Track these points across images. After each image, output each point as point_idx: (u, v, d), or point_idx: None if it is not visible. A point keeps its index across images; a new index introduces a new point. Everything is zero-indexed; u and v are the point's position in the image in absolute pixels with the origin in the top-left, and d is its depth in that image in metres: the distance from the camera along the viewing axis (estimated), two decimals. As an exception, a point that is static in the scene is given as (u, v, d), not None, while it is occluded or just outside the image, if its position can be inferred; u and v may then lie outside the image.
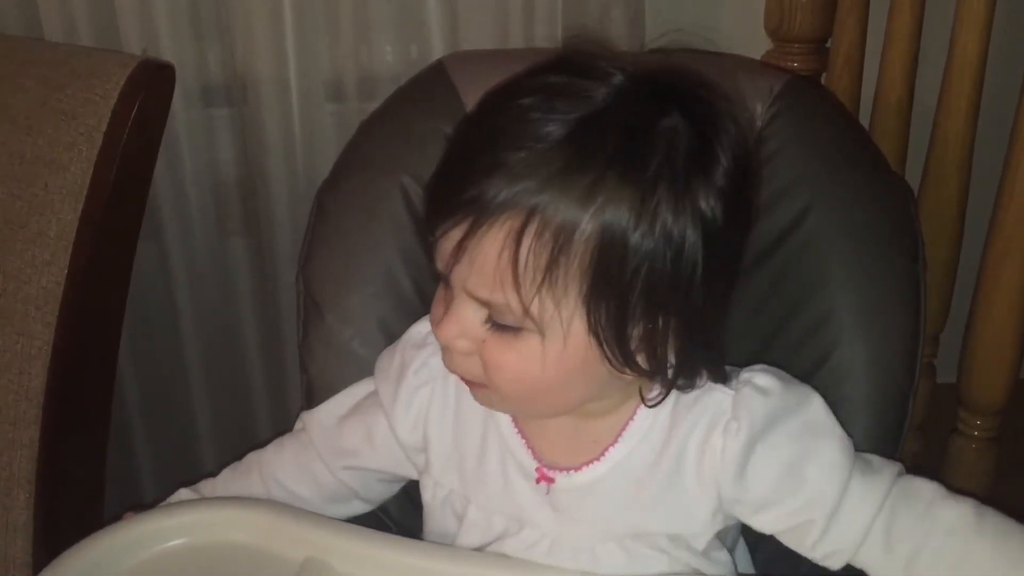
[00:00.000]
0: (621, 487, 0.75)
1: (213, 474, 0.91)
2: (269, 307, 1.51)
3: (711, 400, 0.74)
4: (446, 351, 0.71)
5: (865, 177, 0.93)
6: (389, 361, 0.84)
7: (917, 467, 0.74)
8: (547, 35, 1.34)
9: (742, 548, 0.86)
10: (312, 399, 0.93)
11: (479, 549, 0.79)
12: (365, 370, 0.88)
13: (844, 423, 0.85)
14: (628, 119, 0.64)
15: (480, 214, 0.63)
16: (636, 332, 0.67)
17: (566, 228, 0.63)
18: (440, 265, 0.68)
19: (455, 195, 0.64)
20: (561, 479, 0.76)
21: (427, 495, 0.83)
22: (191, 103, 1.40)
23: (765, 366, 0.77)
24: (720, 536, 0.77)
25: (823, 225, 0.90)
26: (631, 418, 0.75)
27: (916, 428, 1.19)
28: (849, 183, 0.92)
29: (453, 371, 0.72)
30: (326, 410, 0.87)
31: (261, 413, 1.60)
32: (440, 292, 0.71)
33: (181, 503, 0.85)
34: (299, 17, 1.34)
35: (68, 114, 1.03)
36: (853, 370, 0.87)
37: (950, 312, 1.21)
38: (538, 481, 0.76)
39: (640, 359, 0.69)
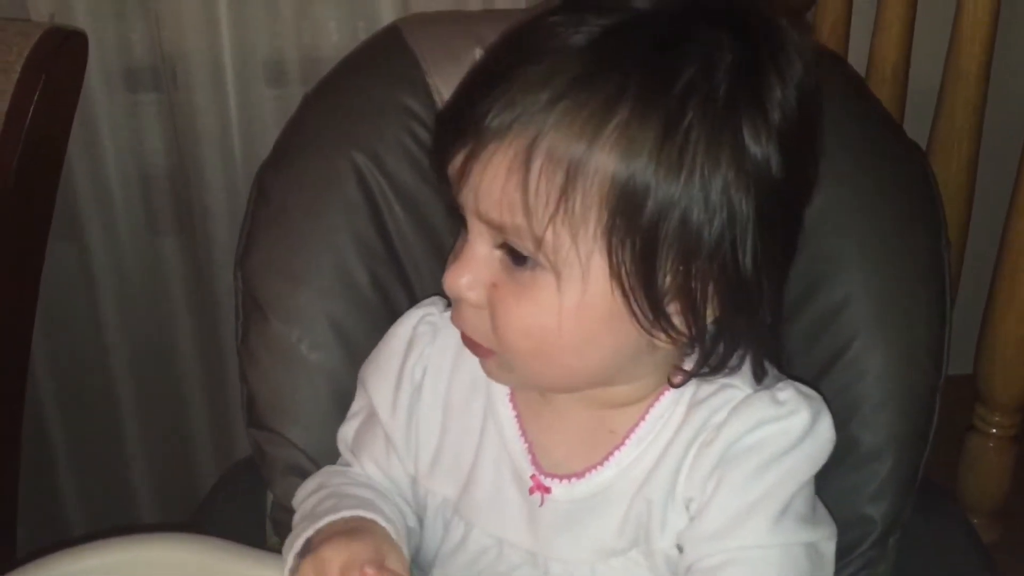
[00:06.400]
0: (628, 495, 0.67)
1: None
2: (206, 314, 1.46)
3: (724, 397, 0.66)
4: (456, 305, 0.66)
5: (878, 143, 0.87)
6: (390, 343, 0.76)
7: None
8: (509, 3, 1.30)
9: None
10: (254, 411, 0.86)
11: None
12: (315, 377, 0.84)
13: (865, 423, 0.81)
14: (662, 28, 0.59)
15: (486, 131, 0.59)
16: (669, 284, 0.61)
17: (579, 149, 0.58)
18: (454, 193, 0.64)
19: (464, 114, 0.61)
20: (559, 489, 0.69)
21: (419, 504, 0.75)
22: (113, 87, 1.34)
23: (809, 390, 0.68)
24: None
25: (834, 199, 0.81)
26: (644, 415, 0.68)
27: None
28: (861, 150, 0.84)
29: (462, 329, 0.67)
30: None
31: (200, 432, 1.55)
32: (458, 244, 0.66)
33: (99, 542, 0.74)
34: (233, -11, 1.29)
35: (-38, 91, 0.98)
36: (874, 364, 0.81)
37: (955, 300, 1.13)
38: (532, 491, 0.70)
39: (675, 318, 0.62)
